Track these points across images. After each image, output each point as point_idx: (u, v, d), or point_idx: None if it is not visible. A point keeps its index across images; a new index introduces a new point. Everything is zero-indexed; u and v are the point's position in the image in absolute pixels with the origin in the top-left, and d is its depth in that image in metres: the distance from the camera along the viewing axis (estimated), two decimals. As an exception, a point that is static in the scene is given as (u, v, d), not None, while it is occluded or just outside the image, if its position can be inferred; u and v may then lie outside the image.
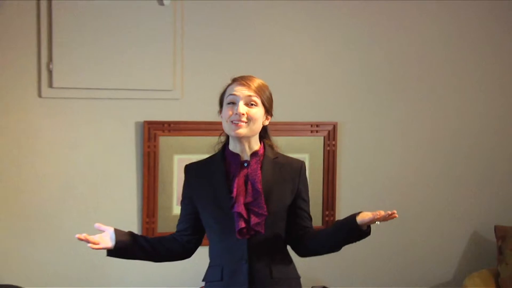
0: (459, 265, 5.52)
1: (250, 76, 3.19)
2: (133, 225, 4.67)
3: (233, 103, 3.08)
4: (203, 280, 3.28)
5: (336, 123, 5.13)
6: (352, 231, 3.05)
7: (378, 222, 3.00)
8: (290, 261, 3.23)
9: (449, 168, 5.51)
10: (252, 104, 3.07)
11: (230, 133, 3.08)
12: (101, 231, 3.06)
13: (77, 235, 2.93)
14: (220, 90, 3.89)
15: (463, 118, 5.56)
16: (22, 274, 4.35)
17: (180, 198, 4.42)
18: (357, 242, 3.17)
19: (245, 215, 3.04)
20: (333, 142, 5.10)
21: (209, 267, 3.24)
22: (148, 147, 4.66)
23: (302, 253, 3.30)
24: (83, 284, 4.63)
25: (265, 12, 5.01)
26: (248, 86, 3.11)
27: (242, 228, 3.03)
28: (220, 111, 3.18)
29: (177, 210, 4.59)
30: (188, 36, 4.79)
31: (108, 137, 4.65)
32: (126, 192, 4.72)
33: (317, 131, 5.08)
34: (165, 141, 4.72)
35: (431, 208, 5.46)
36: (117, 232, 3.07)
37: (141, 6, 4.63)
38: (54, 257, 4.53)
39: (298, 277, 3.27)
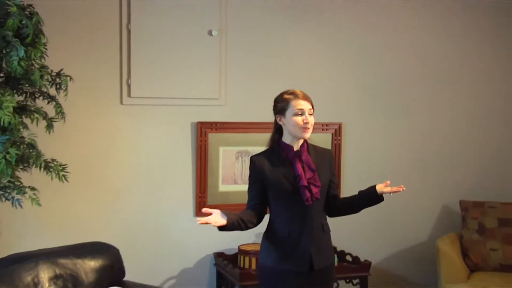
0: (433, 230, 5.54)
1: (304, 92, 3.29)
2: (189, 199, 4.73)
3: (301, 114, 3.19)
4: (265, 235, 3.37)
5: (341, 123, 5.14)
6: (373, 199, 3.33)
7: (391, 194, 3.31)
8: (326, 219, 3.40)
9: (426, 158, 5.53)
10: (310, 114, 3.23)
11: (301, 135, 3.23)
12: (208, 213, 3.03)
13: (200, 222, 2.96)
14: (253, 102, 4.09)
15: (436, 119, 5.53)
16: (110, 233, 4.33)
17: (223, 179, 4.74)
18: (357, 213, 3.47)
19: (309, 187, 3.20)
20: (339, 138, 5.13)
21: (271, 229, 3.33)
22: (200, 141, 4.69)
23: (332, 215, 3.44)
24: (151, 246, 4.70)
25: (284, 35, 4.97)
26: (309, 101, 3.24)
27: (309, 197, 3.17)
28: (280, 117, 3.26)
29: (222, 188, 4.79)
30: (229, 60, 4.79)
31: (171, 133, 4.67)
32: (184, 175, 4.73)
33: (326, 129, 5.08)
34: (213, 137, 4.74)
35: (413, 187, 5.27)
36: (223, 212, 3.08)
37: (197, 36, 4.65)
38: (132, 217, 4.57)
39: (329, 229, 3.41)
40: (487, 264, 4.99)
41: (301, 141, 3.31)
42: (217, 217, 3.03)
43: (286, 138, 3.28)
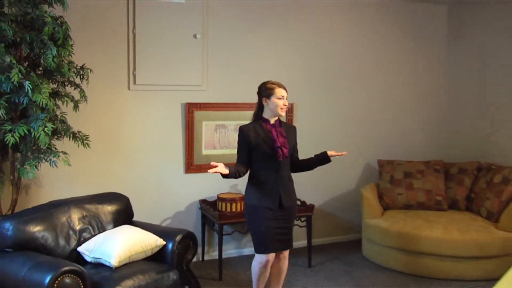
0: (358, 181, 5.63)
1: (280, 83, 3.47)
2: (180, 160, 4.72)
3: (281, 99, 3.38)
4: (250, 183, 3.50)
5: (293, 103, 5.13)
6: (324, 160, 3.56)
7: (337, 156, 3.58)
8: (290, 171, 3.57)
9: (355, 129, 5.55)
10: (286, 99, 3.44)
11: (279, 113, 3.42)
12: (215, 166, 3.18)
13: (211, 171, 3.15)
14: (228, 87, 4.14)
15: (363, 100, 5.55)
16: (122, 185, 4.36)
17: (205, 145, 4.73)
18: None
19: (281, 148, 3.41)
20: (291, 114, 5.16)
21: (253, 178, 3.47)
22: (188, 117, 4.70)
23: (294, 171, 3.60)
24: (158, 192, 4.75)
25: (252, 37, 4.93)
26: (286, 90, 3.44)
27: (280, 155, 3.39)
28: (265, 99, 3.41)
29: (205, 152, 4.79)
30: (210, 56, 4.77)
31: (167, 111, 4.67)
32: (176, 142, 4.73)
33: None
34: (197, 114, 4.74)
35: (345, 150, 5.50)
36: (225, 165, 3.24)
37: (185, 38, 4.63)
38: (138, 174, 4.58)
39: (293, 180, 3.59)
40: (395, 204, 5.12)
41: (276, 118, 3.48)
42: (222, 168, 3.20)
43: (266, 114, 3.46)
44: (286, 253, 3.60)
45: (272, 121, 3.47)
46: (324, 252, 5.17)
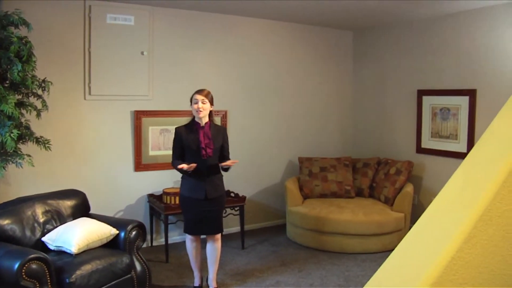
0: (283, 175, 5.70)
1: (203, 89, 3.48)
2: (130, 160, 4.70)
3: (196, 103, 3.44)
4: (182, 177, 3.56)
5: (227, 110, 5.20)
6: (223, 169, 3.60)
7: (230, 166, 3.52)
8: (219, 169, 3.60)
9: (280, 131, 5.64)
10: (204, 102, 3.45)
11: (197, 116, 3.46)
12: (190, 167, 3.32)
13: (183, 167, 3.28)
14: (171, 97, 4.31)
15: (286, 106, 5.65)
16: (80, 183, 4.30)
17: (152, 147, 4.70)
18: (238, 165, 3.78)
19: (205, 148, 3.45)
20: (225, 120, 5.20)
21: (185, 173, 3.47)
22: (137, 123, 4.68)
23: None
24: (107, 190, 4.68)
25: (191, 54, 4.94)
26: (202, 95, 3.44)
27: (204, 154, 3.44)
28: (191, 105, 3.47)
29: (151, 153, 4.79)
30: (155, 70, 4.77)
31: (118, 118, 4.64)
32: (127, 144, 4.70)
33: (217, 114, 5.07)
34: (145, 120, 4.74)
35: (273, 149, 5.59)
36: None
37: (133, 55, 4.62)
38: (93, 173, 4.53)
39: (222, 175, 3.64)
40: (313, 194, 5.24)
41: (206, 120, 3.53)
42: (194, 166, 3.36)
43: (196, 118, 3.53)
44: (217, 236, 3.64)
45: (202, 124, 3.49)
46: (254, 236, 5.24)
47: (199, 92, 3.46)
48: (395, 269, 1.20)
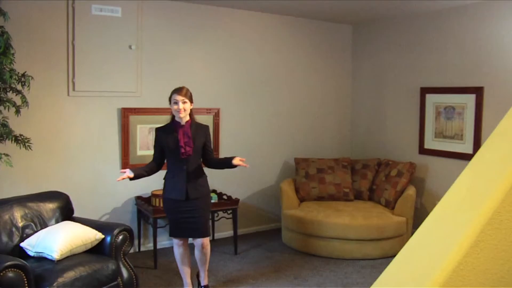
0: (278, 176, 5.71)
1: (181, 88, 3.50)
2: (117, 160, 4.69)
3: (176, 103, 3.46)
4: (164, 178, 3.63)
5: (219, 108, 5.21)
6: (229, 165, 3.62)
7: (240, 166, 3.62)
8: (202, 169, 3.65)
9: (274, 131, 5.64)
10: (184, 102, 3.47)
11: (177, 115, 3.49)
12: (124, 172, 3.38)
13: (118, 179, 3.36)
14: (160, 94, 4.18)
15: (281, 105, 5.67)
16: (62, 184, 4.27)
17: (140, 146, 4.69)
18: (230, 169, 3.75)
19: (184, 147, 3.48)
20: (218, 118, 5.21)
21: (166, 173, 3.61)
22: (124, 121, 4.68)
23: (209, 167, 3.73)
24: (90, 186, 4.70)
25: (181, 49, 4.94)
26: (182, 94, 3.46)
27: (183, 153, 3.48)
28: (170, 104, 3.51)
29: (139, 153, 4.78)
30: (144, 65, 4.76)
31: (104, 116, 4.62)
32: (113, 144, 4.69)
33: (209, 112, 5.15)
34: (132, 118, 4.73)
35: (267, 150, 5.59)
36: (132, 169, 3.40)
37: (121, 49, 4.58)
38: (77, 173, 4.50)
39: (206, 175, 3.68)
40: (309, 197, 5.25)
41: (187, 119, 3.56)
42: (128, 172, 3.40)
43: (176, 117, 3.55)
44: (203, 240, 3.63)
45: (182, 122, 3.53)
46: (248, 240, 5.25)
47: (178, 91, 3.47)
48: (399, 274, 1.19)
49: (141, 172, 3.48)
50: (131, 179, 3.42)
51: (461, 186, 1.29)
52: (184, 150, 3.46)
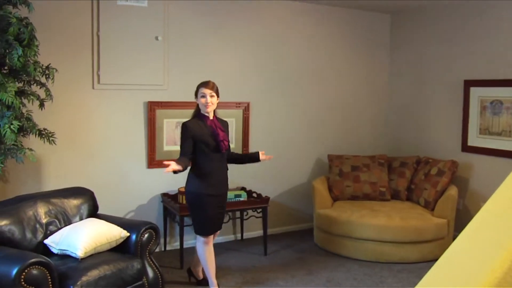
0: (310, 174, 5.65)
1: (208, 82, 3.54)
2: (143, 156, 4.69)
3: (203, 97, 3.49)
4: (194, 173, 3.58)
5: (249, 102, 5.18)
6: (255, 160, 3.73)
7: (266, 160, 3.79)
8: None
9: (307, 126, 5.59)
10: (212, 96, 3.49)
11: (204, 110, 3.53)
12: (168, 165, 3.29)
13: (166, 171, 3.26)
14: (188, 87, 4.14)
15: (313, 99, 5.60)
16: (87, 180, 4.31)
17: (166, 141, 4.67)
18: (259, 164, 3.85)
19: (223, 141, 3.55)
20: (248, 112, 5.17)
21: (197, 169, 3.56)
22: (150, 115, 4.66)
23: (229, 162, 3.79)
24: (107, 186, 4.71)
25: (209, 40, 4.91)
26: (209, 88, 3.50)
27: (223, 147, 3.55)
28: (196, 98, 3.56)
29: (166, 148, 4.76)
30: (170, 57, 4.73)
31: (130, 110, 4.62)
32: (139, 139, 4.69)
33: (239, 106, 5.12)
34: (159, 112, 4.71)
35: (298, 146, 5.54)
36: (177, 161, 3.33)
37: (147, 40, 4.57)
38: (102, 169, 4.52)
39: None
40: (343, 196, 5.19)
41: (212, 114, 3.61)
42: (175, 165, 3.30)
43: (203, 111, 3.56)
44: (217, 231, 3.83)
45: (211, 117, 3.59)
46: (278, 241, 5.20)
47: (205, 85, 3.52)
48: (447, 274, 1.12)
49: (184, 166, 3.40)
50: (176, 172, 3.34)
51: (510, 187, 1.20)
52: (224, 145, 3.54)
